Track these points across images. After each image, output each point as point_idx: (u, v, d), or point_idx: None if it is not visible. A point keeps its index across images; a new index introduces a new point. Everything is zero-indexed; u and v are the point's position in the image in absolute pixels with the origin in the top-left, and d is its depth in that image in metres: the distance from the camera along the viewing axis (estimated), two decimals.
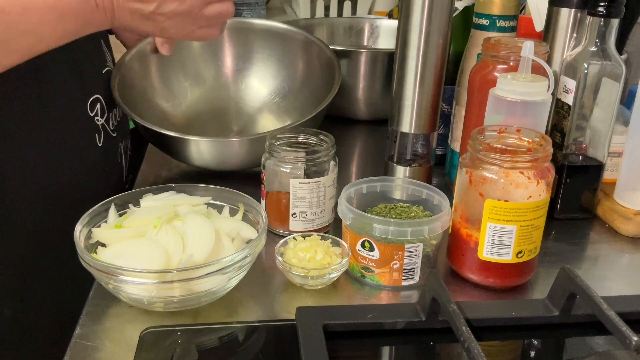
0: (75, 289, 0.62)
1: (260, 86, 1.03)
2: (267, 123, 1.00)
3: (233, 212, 0.67)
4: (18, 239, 0.69)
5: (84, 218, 0.61)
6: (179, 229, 0.60)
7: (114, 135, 0.80)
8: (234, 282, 0.59)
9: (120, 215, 0.64)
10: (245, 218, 0.66)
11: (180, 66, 0.99)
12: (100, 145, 0.76)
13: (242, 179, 0.83)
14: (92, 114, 0.74)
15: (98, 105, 0.76)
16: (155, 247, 0.57)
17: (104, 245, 0.61)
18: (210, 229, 0.59)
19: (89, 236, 0.61)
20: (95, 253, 0.60)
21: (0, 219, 0.67)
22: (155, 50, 0.86)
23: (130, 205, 0.66)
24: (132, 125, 0.94)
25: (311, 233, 0.66)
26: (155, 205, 0.64)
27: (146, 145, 0.97)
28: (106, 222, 0.63)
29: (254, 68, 1.03)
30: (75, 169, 0.73)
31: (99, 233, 0.61)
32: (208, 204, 0.67)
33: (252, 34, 1.02)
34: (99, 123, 0.76)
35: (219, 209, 0.67)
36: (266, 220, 0.62)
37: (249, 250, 0.57)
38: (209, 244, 0.58)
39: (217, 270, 0.55)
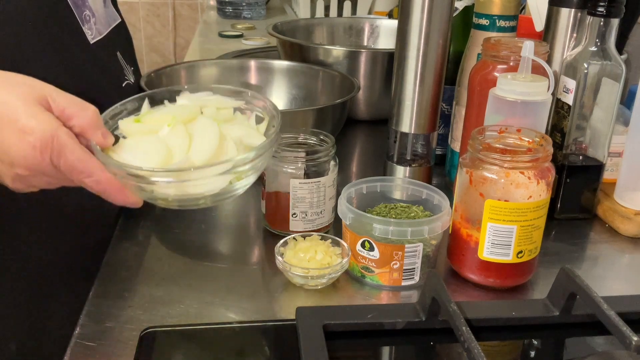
0: None
1: (279, 98, 1.07)
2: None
3: (260, 121, 0.64)
4: (25, 271, 0.67)
5: (116, 108, 0.60)
6: (191, 130, 0.58)
7: None
8: (236, 190, 0.58)
9: None
10: (268, 130, 0.63)
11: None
12: None
13: None
14: None
15: None
16: (158, 145, 0.56)
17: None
18: (214, 131, 0.57)
19: (115, 128, 0.59)
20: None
21: (5, 252, 0.65)
22: None
23: (166, 102, 0.63)
24: None
25: (311, 233, 0.66)
26: (183, 105, 0.62)
27: None
28: (138, 115, 0.61)
29: (274, 92, 1.08)
30: (83, 191, 0.72)
31: (122, 125, 0.59)
32: (237, 109, 0.64)
33: (274, 73, 1.07)
34: None
35: (248, 116, 0.65)
36: (278, 129, 0.60)
37: (247, 155, 0.56)
38: (211, 146, 0.56)
39: (207, 173, 0.54)
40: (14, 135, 0.50)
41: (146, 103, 0.62)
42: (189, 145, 0.57)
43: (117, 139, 0.59)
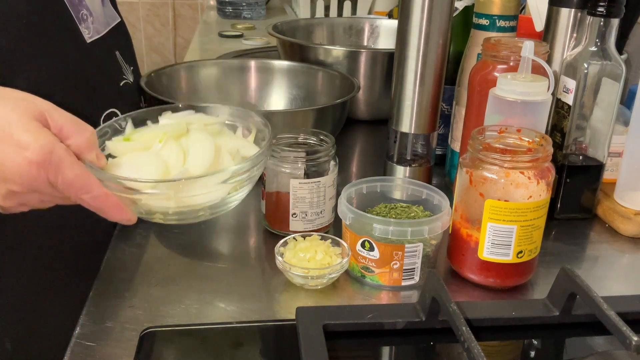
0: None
1: (279, 98, 1.08)
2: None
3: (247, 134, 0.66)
4: (24, 271, 0.67)
5: (101, 129, 0.60)
6: (184, 145, 0.59)
7: None
8: (233, 201, 0.59)
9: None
10: (256, 141, 0.65)
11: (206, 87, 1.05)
12: None
13: None
14: None
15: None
16: (155, 160, 0.57)
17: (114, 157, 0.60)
18: (210, 144, 0.58)
19: (102, 149, 0.60)
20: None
21: (4, 251, 0.65)
22: None
23: (149, 122, 0.64)
24: None
25: (311, 233, 0.66)
26: (170, 123, 0.63)
27: None
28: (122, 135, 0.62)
29: (274, 92, 1.08)
30: None
31: (111, 145, 0.60)
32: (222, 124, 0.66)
33: (274, 73, 1.08)
34: None
35: (234, 130, 0.66)
36: (270, 138, 0.61)
37: (244, 164, 0.57)
38: (208, 158, 0.57)
39: (209, 182, 0.55)
40: (10, 150, 0.49)
41: (130, 123, 0.63)
42: (184, 160, 0.58)
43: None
